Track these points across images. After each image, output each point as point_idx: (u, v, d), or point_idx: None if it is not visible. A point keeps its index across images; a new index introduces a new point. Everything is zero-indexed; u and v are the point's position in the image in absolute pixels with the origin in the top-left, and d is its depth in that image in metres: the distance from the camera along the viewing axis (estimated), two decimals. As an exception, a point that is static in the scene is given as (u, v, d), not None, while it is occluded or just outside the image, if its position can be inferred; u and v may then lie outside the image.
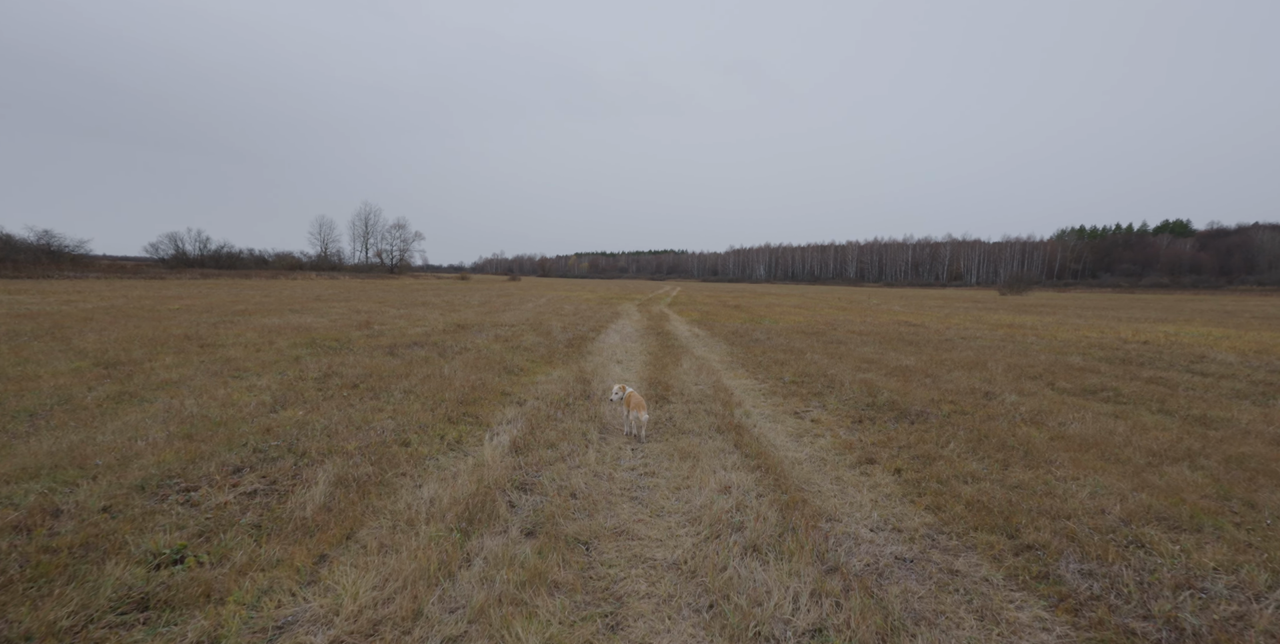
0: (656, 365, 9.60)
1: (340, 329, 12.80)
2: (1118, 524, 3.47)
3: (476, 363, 8.87)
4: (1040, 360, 10.51)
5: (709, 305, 28.68)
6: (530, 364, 9.20)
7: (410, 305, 22.26)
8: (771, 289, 72.88)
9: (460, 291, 38.76)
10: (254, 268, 71.36)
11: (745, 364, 10.10)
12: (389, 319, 15.90)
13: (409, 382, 7.11)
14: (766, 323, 18.36)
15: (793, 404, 7.03)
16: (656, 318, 20.20)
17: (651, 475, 4.46)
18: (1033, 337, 15.06)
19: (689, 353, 11.28)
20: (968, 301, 41.65)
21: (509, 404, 6.41)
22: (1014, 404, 6.81)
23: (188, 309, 16.35)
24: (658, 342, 13.05)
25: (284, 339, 10.52)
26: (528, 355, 10.10)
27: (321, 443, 4.51)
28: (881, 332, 15.99)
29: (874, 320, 20.49)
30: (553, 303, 27.81)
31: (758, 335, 14.38)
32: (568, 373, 8.54)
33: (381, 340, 11.20)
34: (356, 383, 6.94)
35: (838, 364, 9.98)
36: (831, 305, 31.76)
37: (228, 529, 3.04)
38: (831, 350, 11.77)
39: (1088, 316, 24.58)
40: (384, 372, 7.78)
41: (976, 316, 23.61)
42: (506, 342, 11.91)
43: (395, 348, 10.25)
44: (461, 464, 4.33)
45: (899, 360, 10.37)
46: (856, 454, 5.01)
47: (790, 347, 12.20)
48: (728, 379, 8.67)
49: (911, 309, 29.19)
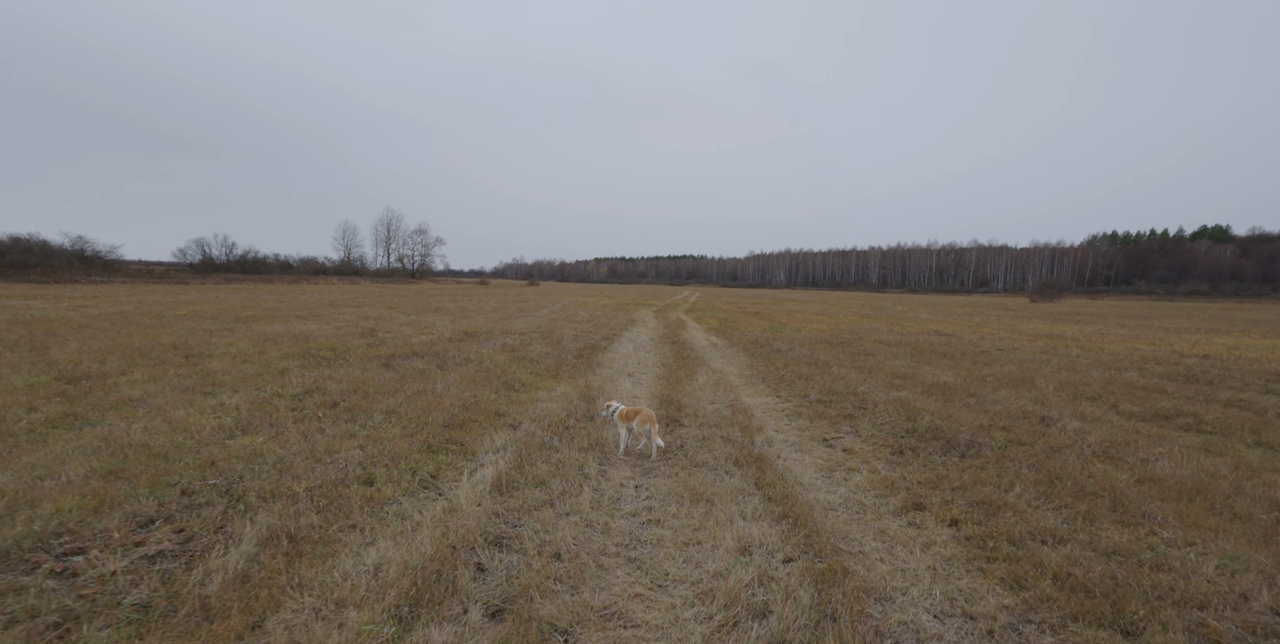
0: (669, 380, 8.85)
1: (342, 337, 12.28)
2: (1271, 620, 2.63)
3: (475, 377, 8.21)
4: (1094, 377, 9.53)
5: (728, 312, 27.83)
6: (534, 378, 8.52)
7: (422, 311, 21.81)
8: (792, 295, 71.60)
9: (477, 297, 38.41)
10: (278, 273, 72.12)
11: (766, 379, 9.30)
12: (396, 326, 15.39)
13: (395, 400, 6.46)
14: (788, 332, 17.51)
15: (820, 428, 6.23)
16: (673, 325, 19.45)
17: (655, 524, 3.72)
18: (1077, 349, 13.99)
19: (705, 365, 10.51)
20: (998, 309, 40.14)
21: (501, 428, 5.71)
22: (1078, 432, 5.92)
23: (195, 315, 16.02)
24: (673, 352, 12.30)
25: (278, 349, 9.99)
26: (533, 368, 9.43)
27: (268, 481, 3.83)
28: (911, 342, 15.04)
29: (902, 329, 19.49)
30: (568, 309, 27.22)
31: (779, 346, 13.56)
32: (573, 388, 7.84)
33: (381, 350, 10.62)
34: (338, 401, 6.30)
35: (867, 380, 9.13)
36: (855, 312, 30.69)
37: (99, 615, 2.37)
38: (859, 363, 10.91)
39: (1130, 326, 23.23)
40: (372, 387, 7.15)
41: (1010, 325, 22.44)
42: (513, 352, 11.27)
43: (393, 359, 9.65)
44: (429, 510, 3.62)
45: (935, 376, 9.48)
46: (901, 497, 4.21)
47: (814, 359, 11.37)
48: (747, 397, 7.89)
49: (940, 317, 28.02)
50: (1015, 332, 19.47)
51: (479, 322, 17.91)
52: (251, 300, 24.31)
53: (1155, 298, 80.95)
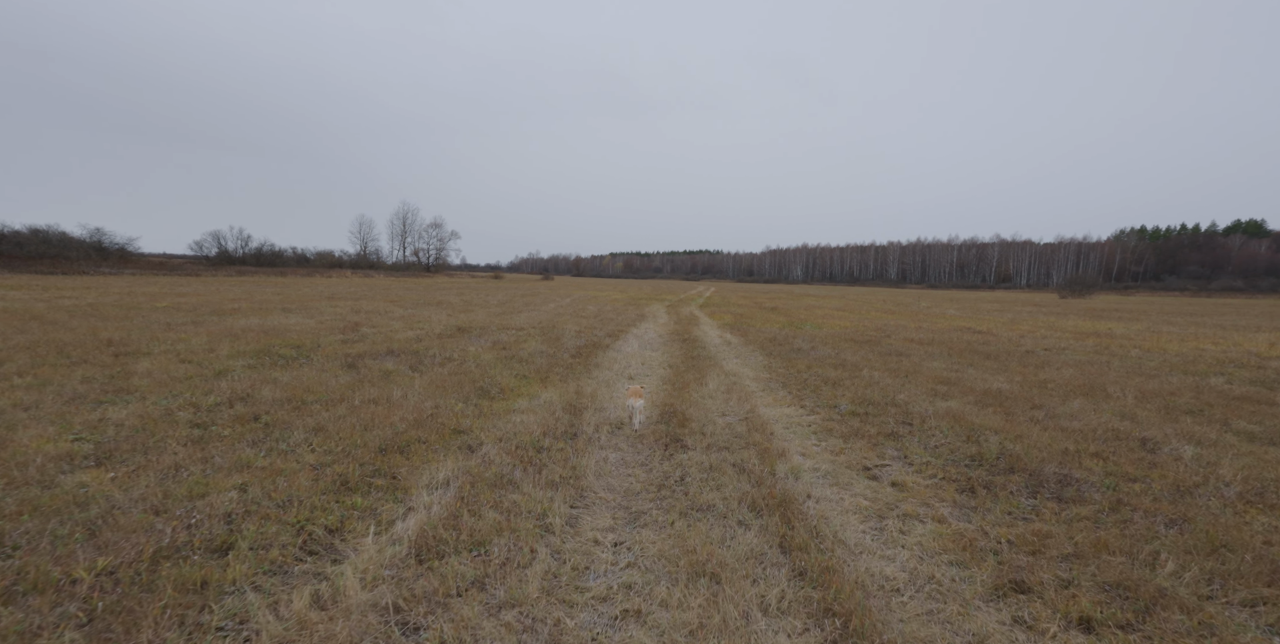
0: (675, 384, 7.62)
1: (319, 332, 11.20)
2: None
3: (447, 381, 7.04)
4: (1174, 384, 8.11)
5: (743, 307, 26.47)
6: (517, 382, 7.33)
7: (423, 305, 20.77)
8: (809, 290, 69.77)
9: (486, 291, 37.42)
10: (294, 266, 71.81)
11: (787, 383, 8.03)
12: (386, 320, 14.31)
13: (334, 412, 5.29)
14: (808, 328, 16.15)
15: (858, 451, 4.96)
16: (685, 321, 18.18)
17: (634, 619, 2.49)
18: (1135, 349, 12.49)
19: (718, 366, 9.25)
20: (1028, 305, 38.24)
21: (455, 451, 4.51)
22: (1201, 462, 4.58)
23: (173, 308, 15.06)
24: (682, 351, 11.06)
25: (235, 345, 8.90)
26: (520, 369, 8.24)
27: (45, 557, 2.63)
28: (945, 340, 13.63)
29: (931, 326, 18.03)
30: (577, 303, 26.05)
31: (799, 344, 12.24)
32: (559, 395, 6.64)
33: (356, 347, 9.50)
34: (262, 413, 5.15)
35: (906, 385, 7.82)
36: (877, 308, 29.15)
37: None
38: (893, 365, 9.58)
39: (1180, 323, 21.48)
40: (315, 394, 6.00)
41: (1048, 323, 20.83)
42: (504, 350, 10.10)
43: (363, 358, 8.53)
44: (292, 604, 2.42)
45: (985, 381, 8.13)
46: (990, 569, 2.94)
47: (841, 359, 10.05)
48: (765, 406, 6.63)
49: (968, 313, 26.41)
50: (1056, 329, 17.92)
51: (478, 316, 16.80)
52: (249, 293, 23.45)
53: (1189, 294, 77.88)
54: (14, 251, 44.35)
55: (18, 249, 45.44)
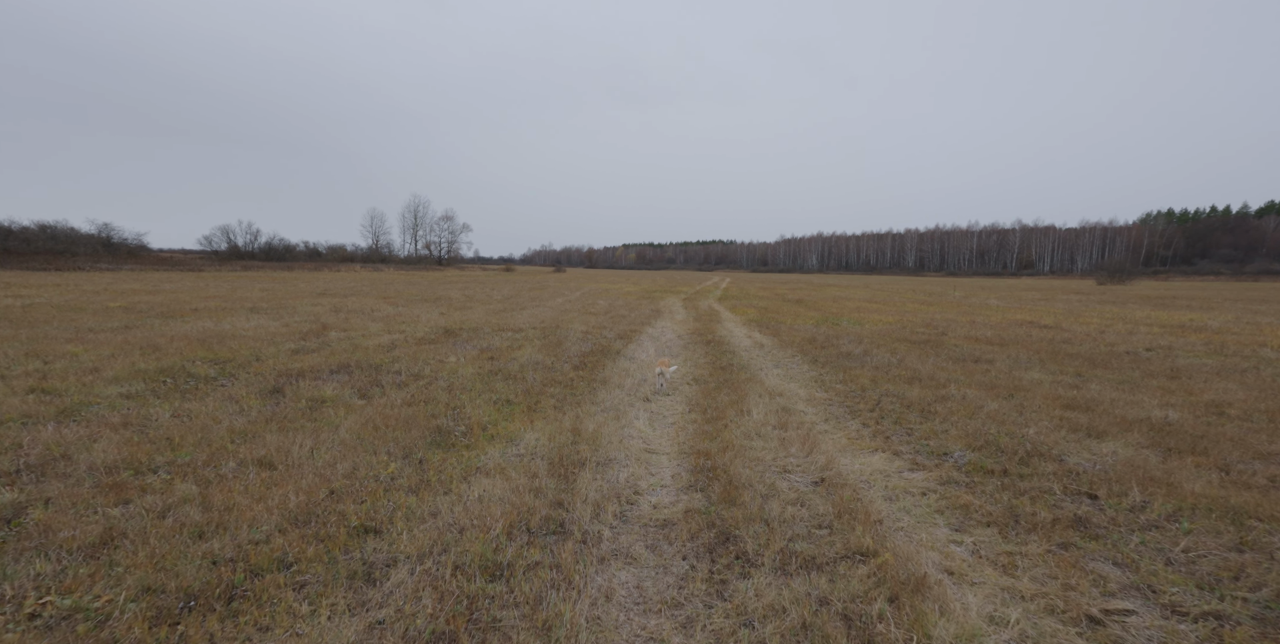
0: (707, 412, 5.61)
1: (273, 339, 9.31)
2: None
3: (395, 416, 5.08)
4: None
5: (765, 299, 24.31)
6: (496, 413, 5.37)
7: (417, 301, 18.90)
8: (830, 279, 67.15)
9: (493, 284, 35.54)
10: (304, 260, 70.48)
11: (855, 409, 5.98)
12: (365, 322, 12.43)
13: (173, 494, 3.34)
14: (847, 325, 14.02)
15: (1045, 566, 2.91)
16: (705, 318, 16.12)
17: None
18: (1269, 350, 10.22)
19: (756, 382, 7.23)
20: (1069, 293, 35.63)
21: (336, 587, 2.54)
22: None
23: (127, 308, 13.26)
24: (708, 357, 9.03)
25: (138, 362, 6.99)
26: (505, 390, 6.29)
27: None
28: (1017, 339, 11.46)
29: (986, 320, 15.81)
30: (587, 297, 24.08)
31: (846, 346, 10.16)
32: (549, 437, 4.66)
33: (303, 360, 7.60)
34: (38, 501, 3.21)
35: (1021, 411, 5.75)
36: (910, 299, 26.84)
37: None
38: (979, 377, 7.49)
39: (1267, 313, 18.98)
40: (182, 450, 4.06)
41: (1116, 313, 18.47)
42: (491, 360, 8.15)
43: (302, 376, 6.61)
44: None
45: (1132, 405, 6.01)
46: None
47: (909, 369, 7.95)
48: (842, 453, 4.59)
49: (1013, 303, 24.04)
50: (1132, 322, 15.61)
51: (475, 315, 14.87)
52: (232, 290, 21.67)
53: (1225, 278, 74.17)
54: (22, 248, 43.49)
55: (25, 245, 44.60)
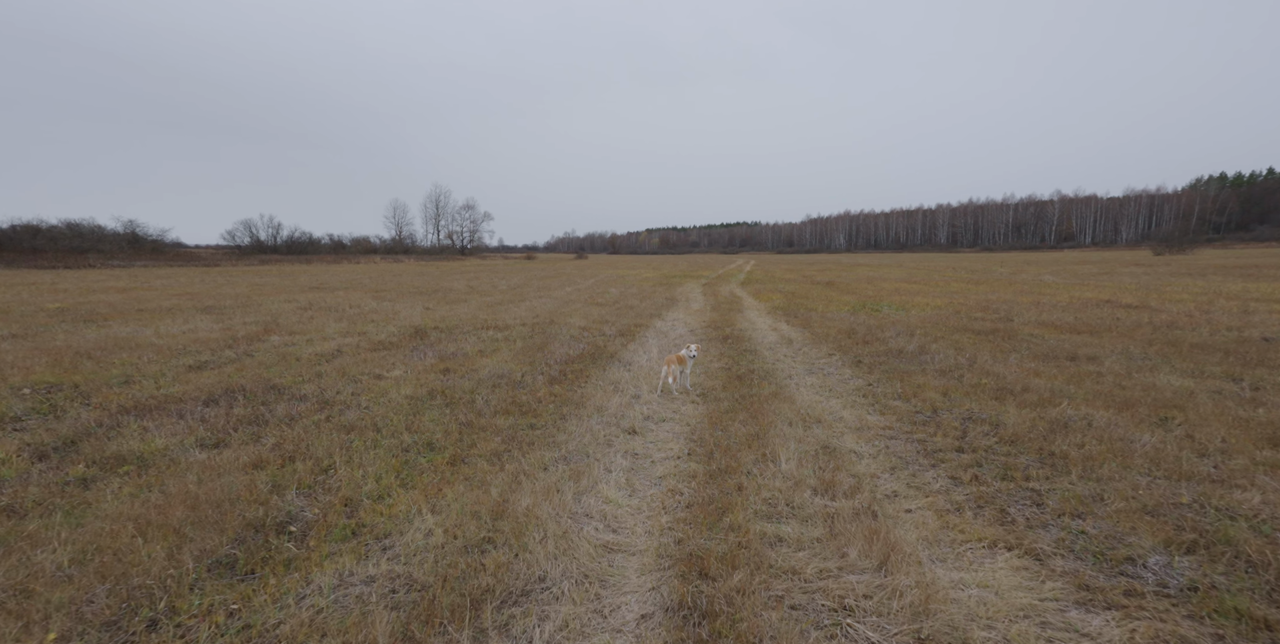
0: (713, 458, 3.79)
1: (186, 349, 7.75)
2: None
3: (197, 500, 3.39)
4: None
5: (793, 283, 22.18)
6: (388, 477, 3.65)
7: (410, 294, 17.37)
8: (860, 259, 63.99)
9: (506, 273, 33.97)
10: (327, 253, 70.07)
11: (931, 446, 4.10)
12: (327, 321, 10.86)
13: None
14: (888, 311, 11.97)
15: None
16: (725, 306, 14.21)
17: None
18: None
19: (784, 398, 5.37)
20: (1129, 264, 32.61)
21: None
22: None
23: (62, 310, 11.87)
24: (723, 361, 7.21)
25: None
26: (431, 427, 4.57)
27: None
28: (1105, 324, 9.34)
29: (1051, 299, 13.59)
30: (599, 285, 22.33)
31: (894, 339, 8.21)
32: (449, 527, 2.92)
33: (194, 381, 6.00)
34: None
35: (1206, 454, 3.80)
36: (952, 277, 24.42)
37: None
38: (1092, 384, 5.51)
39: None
40: None
41: (1202, 287, 15.98)
42: (445, 373, 6.46)
43: (147, 413, 4.99)
44: None
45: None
46: None
47: (988, 373, 5.98)
48: (931, 551, 2.73)
49: (1070, 279, 21.52)
50: (1230, 296, 13.22)
51: (464, 309, 13.22)
52: (218, 287, 20.36)
53: (1291, 245, 68.80)
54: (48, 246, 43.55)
55: (51, 244, 44.70)
